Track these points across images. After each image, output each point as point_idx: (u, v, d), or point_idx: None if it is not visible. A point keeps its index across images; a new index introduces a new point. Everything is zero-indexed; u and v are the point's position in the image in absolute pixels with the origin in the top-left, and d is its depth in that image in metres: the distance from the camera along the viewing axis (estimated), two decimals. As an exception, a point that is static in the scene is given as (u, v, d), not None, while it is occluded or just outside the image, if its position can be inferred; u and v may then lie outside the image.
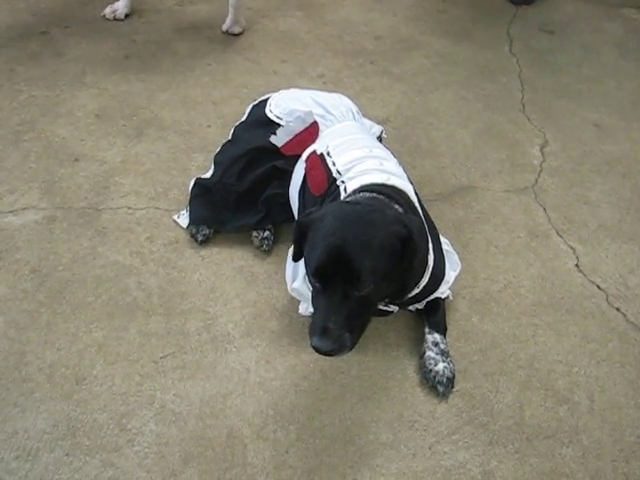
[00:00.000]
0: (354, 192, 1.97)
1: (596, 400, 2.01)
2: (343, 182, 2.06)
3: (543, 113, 3.25)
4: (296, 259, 1.91)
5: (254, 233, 2.40)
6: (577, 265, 2.44)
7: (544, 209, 2.66)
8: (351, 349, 1.71)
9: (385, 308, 2.03)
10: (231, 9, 3.59)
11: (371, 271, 1.67)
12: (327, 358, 1.79)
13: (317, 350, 1.66)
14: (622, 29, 4.08)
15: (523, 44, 3.82)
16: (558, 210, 2.67)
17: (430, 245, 2.02)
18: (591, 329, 2.22)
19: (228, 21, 3.64)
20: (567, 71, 3.62)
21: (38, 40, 3.49)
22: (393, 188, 1.99)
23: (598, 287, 2.36)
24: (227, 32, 3.64)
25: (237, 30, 3.64)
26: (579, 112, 3.29)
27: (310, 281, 1.77)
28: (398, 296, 1.94)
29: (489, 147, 2.99)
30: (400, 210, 1.88)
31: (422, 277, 1.96)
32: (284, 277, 2.13)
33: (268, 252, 2.39)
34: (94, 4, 3.81)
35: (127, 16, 3.72)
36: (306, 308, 2.11)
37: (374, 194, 1.90)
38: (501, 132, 3.10)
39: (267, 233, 2.39)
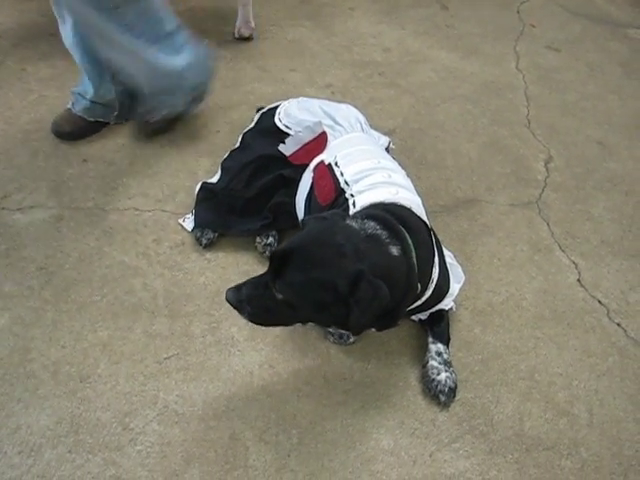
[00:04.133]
0: (362, 212, 1.94)
1: (595, 413, 2.03)
2: (352, 196, 2.07)
3: (548, 129, 3.28)
4: None
5: (257, 239, 2.42)
6: (579, 280, 2.46)
7: (547, 224, 2.69)
8: (250, 321, 1.84)
9: None
10: (240, 8, 3.63)
11: (289, 287, 1.72)
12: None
13: (226, 294, 1.81)
14: (627, 49, 4.11)
15: (529, 61, 3.85)
16: (561, 225, 2.69)
17: (436, 259, 2.03)
18: (592, 343, 2.24)
19: (238, 22, 3.66)
20: (572, 89, 3.65)
21: (49, 41, 3.50)
22: (402, 211, 1.96)
23: (599, 302, 2.38)
24: (238, 36, 3.67)
25: (246, 33, 3.66)
26: (583, 129, 3.32)
27: None
28: (388, 325, 1.90)
29: (494, 161, 3.02)
30: (395, 254, 1.80)
31: (425, 291, 1.98)
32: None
33: (272, 258, 2.40)
34: (105, 7, 3.84)
35: (138, 21, 3.73)
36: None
37: (378, 228, 1.82)
38: (506, 147, 3.12)
39: (270, 239, 2.41)
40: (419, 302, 1.99)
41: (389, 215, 1.89)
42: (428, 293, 1.99)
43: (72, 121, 2.86)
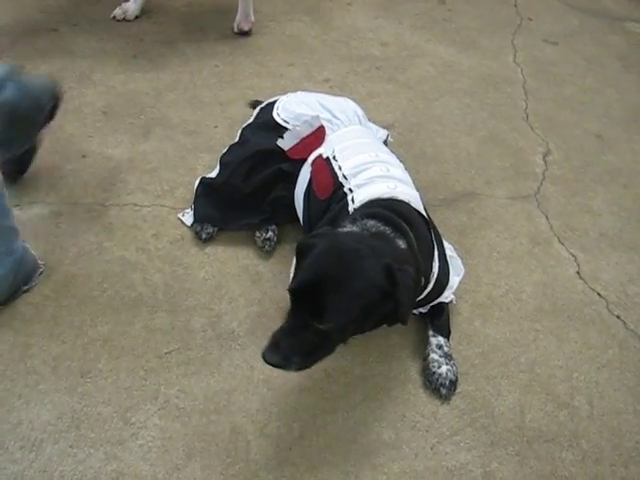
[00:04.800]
0: (362, 209, 1.96)
1: (596, 405, 2.03)
2: (351, 190, 2.08)
3: (546, 122, 3.28)
4: None
5: (257, 233, 2.42)
6: (578, 272, 2.47)
7: (546, 217, 2.69)
8: (299, 370, 1.74)
9: None
10: (241, 2, 3.62)
11: (336, 312, 1.67)
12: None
13: (264, 359, 1.68)
14: (625, 42, 4.11)
15: (527, 54, 3.85)
16: (560, 218, 2.70)
17: (435, 252, 2.04)
18: (591, 335, 2.24)
19: (238, 16, 3.66)
20: (570, 82, 3.65)
21: (46, 37, 3.50)
22: (401, 206, 1.98)
23: (599, 294, 2.39)
24: (238, 30, 3.66)
25: (246, 27, 3.65)
26: (581, 122, 3.32)
27: None
28: (394, 323, 1.92)
29: (493, 155, 3.02)
30: (404, 246, 1.85)
31: (427, 285, 1.99)
32: (289, 278, 2.14)
33: (271, 252, 2.40)
34: (102, 3, 3.83)
35: (137, 17, 3.74)
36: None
37: (381, 225, 1.87)
38: (505, 140, 3.12)
39: (270, 234, 2.41)
40: (421, 296, 2.00)
41: (388, 212, 1.91)
42: (429, 287, 2.00)
43: None
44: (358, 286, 1.69)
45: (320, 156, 2.28)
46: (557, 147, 3.11)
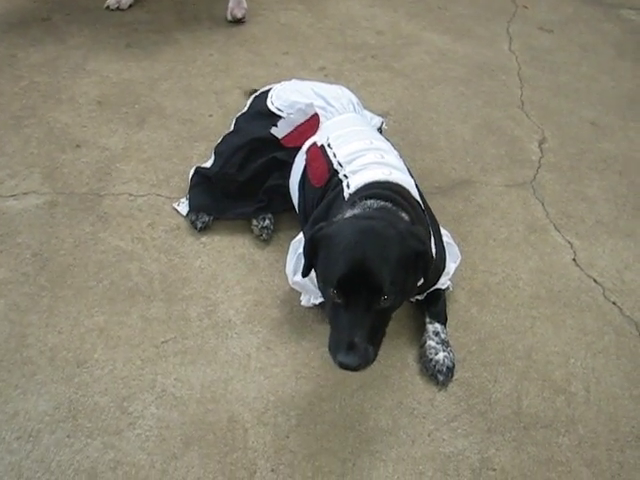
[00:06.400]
0: (358, 192, 1.97)
1: (592, 391, 2.03)
2: (346, 177, 2.07)
3: (541, 110, 3.28)
4: (305, 274, 1.90)
5: (254, 222, 2.42)
6: (574, 259, 2.47)
7: (542, 204, 2.69)
8: (373, 362, 1.71)
9: None
10: None
11: (391, 283, 1.69)
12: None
13: (344, 367, 1.65)
14: (620, 29, 4.11)
15: (522, 42, 3.84)
16: (556, 205, 2.70)
17: (432, 239, 2.04)
18: (588, 322, 2.24)
19: (230, 3, 3.65)
20: (565, 70, 3.65)
21: (39, 26, 3.49)
22: (397, 187, 2.00)
23: (595, 281, 2.39)
24: (231, 17, 3.65)
25: (240, 13, 3.64)
26: (577, 110, 3.32)
27: (328, 296, 1.77)
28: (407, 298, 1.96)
29: (488, 142, 3.02)
30: (407, 218, 1.89)
31: None
32: (285, 268, 2.15)
33: (268, 241, 2.40)
34: (95, -8, 3.82)
35: (130, 6, 3.72)
36: (308, 300, 2.13)
37: (381, 202, 1.90)
38: (500, 128, 3.12)
39: (267, 222, 2.40)
40: (419, 282, 1.99)
41: (387, 191, 1.93)
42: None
43: None
44: (397, 253, 1.72)
45: (315, 144, 2.28)
46: (552, 135, 3.11)
